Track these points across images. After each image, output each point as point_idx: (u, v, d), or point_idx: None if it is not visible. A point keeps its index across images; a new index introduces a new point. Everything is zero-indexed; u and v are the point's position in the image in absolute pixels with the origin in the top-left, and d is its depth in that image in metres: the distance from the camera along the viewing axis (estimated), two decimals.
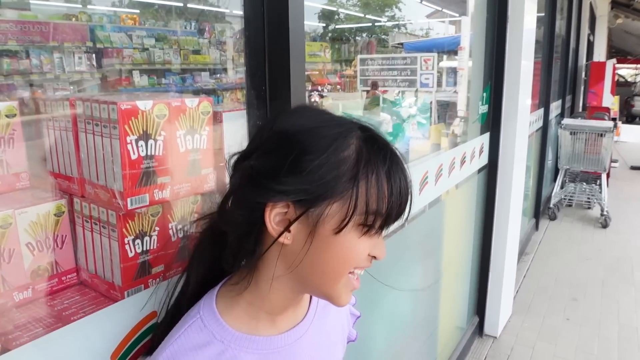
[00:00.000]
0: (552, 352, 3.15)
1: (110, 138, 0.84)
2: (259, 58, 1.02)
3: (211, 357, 0.75)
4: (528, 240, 4.98)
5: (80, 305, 0.96)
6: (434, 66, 5.81)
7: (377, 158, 0.71)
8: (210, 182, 1.00)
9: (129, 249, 0.91)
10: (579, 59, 8.83)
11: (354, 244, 0.72)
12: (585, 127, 5.75)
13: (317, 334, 0.87)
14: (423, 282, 2.44)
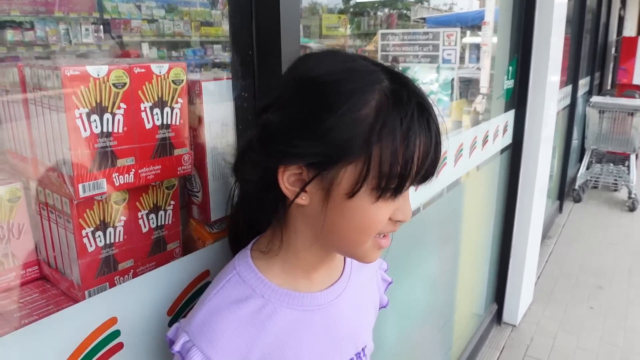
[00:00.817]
0: (574, 343, 2.99)
1: (57, 111, 0.69)
2: (244, 15, 0.86)
3: (252, 311, 0.72)
4: (551, 224, 4.78)
5: (37, 305, 0.83)
6: (456, 42, 5.60)
7: (397, 116, 0.64)
8: (186, 164, 0.85)
9: (87, 243, 0.78)
10: (609, 35, 8.47)
11: (370, 210, 0.67)
12: (615, 106, 5.47)
13: (353, 295, 0.84)
14: (440, 268, 2.30)
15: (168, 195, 0.88)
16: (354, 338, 0.84)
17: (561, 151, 5.09)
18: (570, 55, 4.90)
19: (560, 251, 4.29)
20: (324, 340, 0.79)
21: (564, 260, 4.09)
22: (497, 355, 2.88)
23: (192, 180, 0.93)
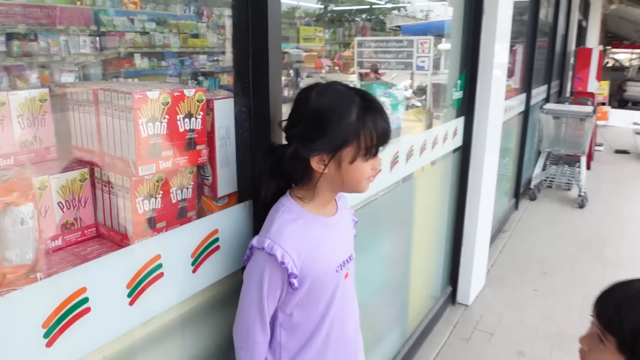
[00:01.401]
0: (518, 319, 3.45)
1: (127, 120, 1.09)
2: (244, 56, 1.27)
3: (300, 225, 1.25)
4: (507, 219, 5.26)
5: (99, 251, 1.22)
6: (430, 49, 6.00)
7: (369, 115, 1.19)
8: (203, 156, 1.26)
9: (139, 207, 1.17)
10: (567, 45, 9.04)
11: (362, 166, 1.22)
12: (565, 112, 6.00)
13: (343, 222, 1.40)
14: (397, 249, 2.71)
15: (189, 177, 1.28)
16: (347, 247, 1.40)
17: (516, 153, 5.59)
18: (525, 66, 5.40)
19: (513, 243, 4.77)
20: (335, 245, 1.34)
21: (515, 251, 4.57)
22: (450, 329, 3.31)
23: (205, 168, 1.33)
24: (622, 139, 10.84)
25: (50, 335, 0.95)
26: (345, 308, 1.41)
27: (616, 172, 7.77)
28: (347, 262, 1.37)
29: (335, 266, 1.32)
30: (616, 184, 7.07)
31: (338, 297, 1.35)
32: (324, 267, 1.28)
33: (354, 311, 1.49)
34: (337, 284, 1.33)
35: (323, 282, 1.29)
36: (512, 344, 3.17)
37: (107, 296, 1.04)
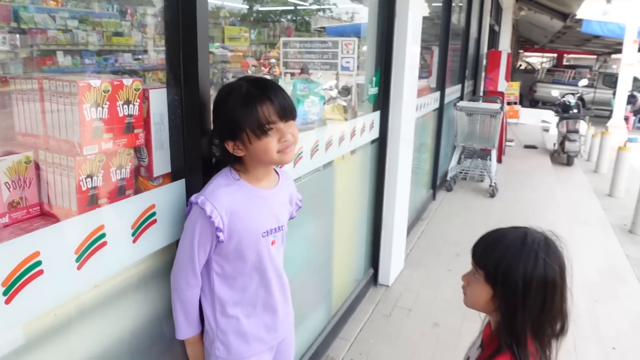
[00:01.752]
0: (433, 296, 3.77)
1: (72, 105, 1.23)
2: (175, 50, 1.44)
3: (233, 189, 1.46)
4: (425, 208, 5.64)
5: (45, 226, 1.34)
6: (354, 50, 6.29)
7: (252, 99, 1.38)
8: (140, 139, 1.41)
9: (82, 185, 1.31)
10: (480, 48, 9.66)
11: (265, 144, 1.42)
12: (476, 109, 6.48)
13: (280, 196, 1.61)
14: (319, 233, 2.93)
15: (127, 158, 1.43)
16: (278, 218, 1.58)
17: (433, 147, 5.99)
18: (438, 67, 5.80)
19: (430, 229, 5.14)
20: (264, 213, 1.53)
21: (432, 236, 4.94)
22: (373, 307, 3.58)
23: (141, 151, 1.49)
24: (532, 135, 11.69)
25: (9, 293, 1.08)
26: (273, 273, 1.61)
27: (524, 165, 8.42)
28: (275, 231, 1.57)
29: (262, 231, 1.51)
30: (524, 175, 7.68)
31: (266, 260, 1.55)
32: (250, 228, 1.48)
33: (281, 278, 1.67)
34: (264, 247, 1.54)
35: (250, 242, 1.49)
36: (428, 317, 3.48)
37: (58, 260, 1.18)
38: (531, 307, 1.21)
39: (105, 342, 1.42)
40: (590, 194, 7.43)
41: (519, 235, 1.27)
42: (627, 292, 4.33)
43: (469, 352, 1.44)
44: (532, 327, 1.22)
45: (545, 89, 19.27)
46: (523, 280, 1.20)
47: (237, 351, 1.58)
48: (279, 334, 1.70)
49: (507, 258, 1.24)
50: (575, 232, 5.67)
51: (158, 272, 1.54)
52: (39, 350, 1.23)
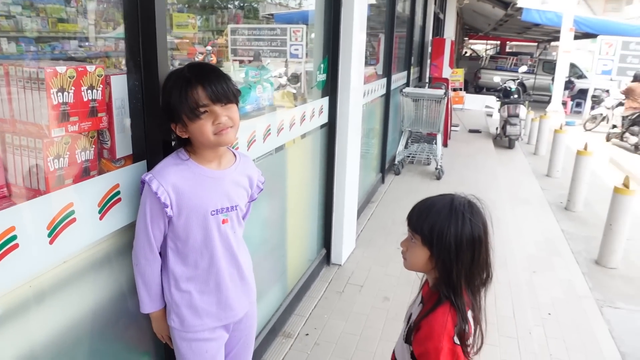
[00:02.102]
0: (383, 272, 3.97)
1: (39, 91, 1.31)
2: (135, 39, 1.53)
3: (181, 168, 1.56)
4: (374, 192, 5.85)
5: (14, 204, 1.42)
6: (303, 37, 6.39)
7: (186, 83, 1.47)
8: (104, 122, 1.50)
9: (50, 165, 1.39)
10: (426, 35, 9.94)
11: (200, 126, 1.50)
12: (421, 95, 6.72)
13: (234, 177, 1.68)
14: (273, 214, 3.06)
15: (91, 141, 1.51)
16: (230, 197, 1.66)
17: (380, 133, 6.19)
18: (385, 54, 5.99)
19: (380, 211, 5.34)
20: (214, 192, 1.61)
21: (382, 217, 5.15)
22: (326, 285, 3.75)
23: (104, 134, 1.57)
24: (476, 120, 12.12)
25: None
26: (225, 252, 1.69)
27: (469, 149, 8.78)
28: (227, 210, 1.65)
29: (210, 209, 1.60)
30: (468, 158, 8.02)
31: (216, 238, 1.64)
32: (198, 206, 1.57)
33: (235, 257, 1.73)
34: (213, 225, 1.62)
35: (197, 219, 1.59)
36: (378, 292, 3.67)
37: (32, 234, 1.26)
38: (463, 261, 1.38)
39: (75, 315, 1.52)
40: (530, 174, 7.84)
41: (447, 201, 1.44)
42: (562, 264, 4.66)
43: (410, 309, 1.61)
44: (466, 278, 1.40)
45: (489, 75, 19.90)
46: (455, 240, 1.38)
47: (190, 324, 1.68)
48: (235, 312, 1.77)
49: (439, 222, 1.41)
50: (515, 210, 6.01)
51: (122, 248, 1.64)
52: (12, 322, 1.32)
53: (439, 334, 1.37)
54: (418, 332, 1.43)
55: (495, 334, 3.22)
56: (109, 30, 4.43)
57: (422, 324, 1.42)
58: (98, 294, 1.59)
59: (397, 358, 1.61)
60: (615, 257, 4.73)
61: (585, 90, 14.86)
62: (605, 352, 3.32)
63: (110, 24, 4.26)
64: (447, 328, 1.37)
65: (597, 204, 6.39)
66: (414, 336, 1.45)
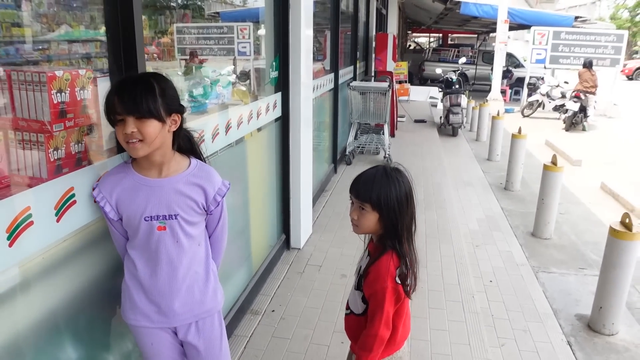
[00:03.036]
0: (340, 253, 4.29)
1: (41, 92, 1.54)
2: (116, 44, 1.77)
3: (120, 177, 1.69)
4: (328, 181, 6.17)
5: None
6: (250, 35, 6.60)
7: (109, 93, 1.58)
8: (94, 118, 1.74)
9: (51, 156, 1.62)
10: (369, 31, 10.34)
11: (116, 131, 1.60)
12: (367, 88, 7.09)
13: (175, 188, 1.72)
14: (235, 202, 3.32)
15: (82, 135, 1.75)
16: (169, 205, 1.71)
17: (330, 125, 6.51)
18: (331, 50, 6.31)
19: (333, 199, 5.67)
20: (150, 200, 1.69)
21: (336, 205, 5.47)
22: (287, 267, 4.03)
23: (92, 128, 1.81)
24: (421, 110, 12.63)
25: (11, 237, 1.39)
26: (163, 259, 1.75)
27: (415, 138, 9.23)
28: (163, 218, 1.71)
29: (145, 216, 1.69)
30: (414, 146, 8.46)
31: (152, 242, 1.73)
32: (132, 211, 1.69)
33: (173, 267, 1.76)
34: (149, 231, 1.71)
35: (133, 223, 1.71)
36: (336, 270, 3.99)
37: (44, 213, 1.50)
38: (404, 215, 1.70)
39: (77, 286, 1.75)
40: (472, 159, 8.35)
41: (382, 171, 1.76)
42: (502, 237, 5.11)
43: (359, 263, 1.91)
44: (407, 229, 1.73)
45: (432, 67, 20.53)
46: (397, 199, 1.70)
47: (126, 314, 1.82)
48: (169, 319, 1.81)
49: (383, 189, 1.72)
50: (459, 192, 6.46)
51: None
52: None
53: (384, 275, 1.69)
54: (367, 277, 1.74)
55: (442, 299, 3.60)
56: (60, 32, 4.54)
57: (370, 270, 1.73)
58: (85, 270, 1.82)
59: (350, 306, 1.92)
60: (548, 229, 5.22)
61: (523, 79, 15.65)
62: (540, 309, 3.75)
63: (62, 27, 4.38)
64: (390, 270, 1.70)
65: (533, 183, 6.92)
66: (364, 281, 1.76)
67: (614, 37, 14.41)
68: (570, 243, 5.19)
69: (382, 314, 1.71)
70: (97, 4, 2.04)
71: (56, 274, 1.69)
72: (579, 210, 6.30)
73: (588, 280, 4.36)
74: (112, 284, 1.93)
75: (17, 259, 1.44)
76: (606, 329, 3.54)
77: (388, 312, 1.72)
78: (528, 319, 3.59)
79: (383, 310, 1.70)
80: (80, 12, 2.90)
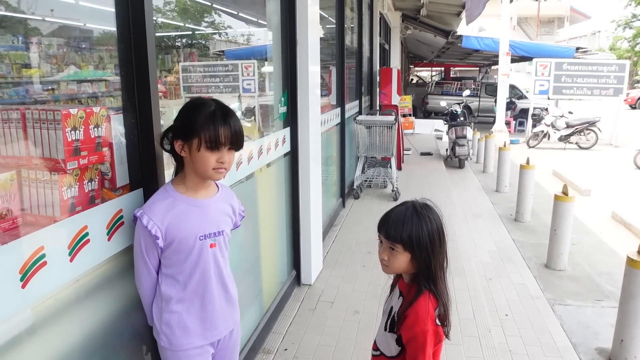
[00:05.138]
0: (351, 288, 4.22)
1: (55, 130, 1.53)
2: (129, 83, 1.77)
3: (169, 202, 1.73)
4: (336, 216, 6.13)
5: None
6: (254, 72, 6.67)
7: (215, 119, 1.67)
8: (107, 155, 1.73)
9: (64, 194, 1.60)
10: (373, 65, 10.45)
11: (206, 156, 1.68)
12: (373, 122, 7.11)
13: (218, 206, 1.86)
14: (247, 239, 3.28)
15: (95, 172, 1.73)
16: (217, 223, 1.83)
17: (338, 159, 6.51)
18: (337, 85, 6.36)
19: (343, 234, 5.62)
20: (201, 219, 1.78)
21: (345, 239, 5.42)
22: (299, 304, 3.96)
23: (104, 166, 1.79)
24: (427, 143, 12.65)
25: (24, 279, 1.36)
26: (213, 273, 1.85)
27: (422, 170, 9.21)
28: (214, 235, 1.81)
29: (199, 235, 1.77)
30: (421, 178, 8.43)
31: (203, 260, 1.80)
32: (186, 232, 1.74)
33: (223, 279, 1.89)
34: (202, 249, 1.79)
35: (187, 245, 1.75)
36: (349, 306, 3.91)
37: (58, 252, 1.47)
38: (437, 253, 1.67)
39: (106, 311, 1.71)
40: (480, 190, 8.30)
41: (411, 209, 1.72)
42: (515, 269, 5.03)
43: (389, 303, 1.86)
44: (441, 267, 1.69)
45: (435, 100, 20.74)
46: (429, 238, 1.66)
47: (179, 343, 1.82)
48: (219, 330, 1.90)
49: (414, 228, 1.68)
50: (469, 223, 6.40)
51: (127, 266, 1.84)
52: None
53: (424, 318, 1.64)
54: (405, 320, 1.69)
55: (458, 334, 3.51)
56: (69, 73, 4.60)
57: (408, 313, 1.68)
58: (115, 301, 1.78)
59: (380, 347, 1.86)
60: (562, 260, 5.14)
61: (527, 110, 15.71)
62: (559, 343, 3.65)
63: (71, 67, 4.44)
64: (430, 313, 1.65)
65: (543, 214, 6.86)
66: (401, 324, 1.70)
67: (616, 67, 14.51)
68: (584, 274, 5.10)
69: (424, 359, 1.65)
70: (109, 45, 2.05)
71: (69, 316, 1.65)
72: (591, 240, 6.22)
73: (606, 312, 4.27)
74: (126, 325, 1.89)
75: (31, 300, 1.41)
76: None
77: (429, 356, 1.67)
78: (547, 354, 3.49)
79: (425, 355, 1.65)
80: (89, 53, 2.92)
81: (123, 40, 1.76)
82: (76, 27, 2.61)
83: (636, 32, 37.28)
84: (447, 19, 15.78)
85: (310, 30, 3.89)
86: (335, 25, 6.32)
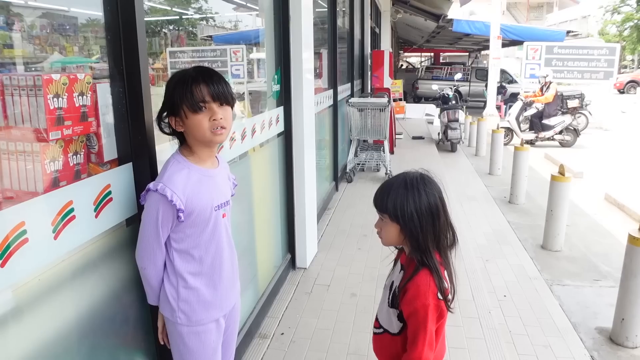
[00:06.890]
0: (347, 271, 4.13)
1: (36, 97, 1.41)
2: (117, 49, 1.65)
3: (185, 173, 1.65)
4: (330, 199, 6.03)
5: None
6: (243, 58, 6.55)
7: (194, 80, 1.59)
8: (94, 126, 1.61)
9: (47, 167, 1.49)
10: (365, 49, 10.32)
11: (198, 119, 1.61)
12: (366, 104, 7.00)
13: (222, 176, 1.81)
14: (241, 220, 3.17)
15: (81, 145, 1.61)
16: (224, 194, 1.79)
17: (331, 142, 6.40)
18: (329, 67, 6.23)
19: (337, 217, 5.52)
20: (213, 190, 1.73)
21: (339, 222, 5.33)
22: (294, 288, 3.87)
23: (91, 139, 1.67)
24: (418, 127, 12.57)
25: (3, 257, 1.25)
26: (226, 243, 1.83)
27: (414, 154, 9.14)
28: (224, 205, 1.79)
29: (214, 205, 1.72)
30: (415, 163, 8.22)
31: (218, 231, 1.77)
32: (204, 204, 1.68)
33: (232, 248, 1.88)
34: (217, 220, 1.75)
35: (204, 216, 1.69)
36: (345, 289, 3.83)
37: (40, 230, 1.36)
38: (426, 228, 1.57)
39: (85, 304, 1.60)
40: (474, 174, 8.24)
41: (401, 179, 1.64)
42: (511, 251, 4.97)
43: (391, 278, 1.77)
44: (433, 241, 1.58)
45: (426, 85, 20.64)
46: (415, 210, 1.56)
47: (199, 318, 1.77)
48: (230, 301, 1.89)
49: (399, 198, 1.59)
50: (464, 207, 6.34)
51: (117, 244, 1.73)
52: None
53: (425, 292, 1.55)
54: (406, 294, 1.59)
55: (458, 316, 3.43)
56: (52, 55, 4.47)
57: (409, 286, 1.58)
58: (101, 279, 1.67)
59: (382, 323, 1.77)
60: (558, 241, 5.09)
61: (517, 94, 15.64)
62: (559, 324, 3.60)
63: (55, 48, 4.30)
64: (431, 286, 1.55)
65: (537, 196, 6.82)
66: (401, 299, 1.61)
67: (606, 50, 14.45)
68: (581, 254, 5.05)
69: (426, 335, 1.56)
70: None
71: (53, 298, 1.54)
72: (586, 221, 6.18)
73: (604, 292, 4.22)
74: (117, 308, 1.79)
75: (12, 280, 1.30)
76: (629, 342, 3.39)
77: (431, 332, 1.57)
78: (547, 334, 3.44)
79: (426, 331, 1.55)
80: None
81: (109, 2, 1.63)
82: None
83: (625, 17, 37.35)
84: (437, 3, 15.64)
85: (304, 8, 3.76)
86: (327, 7, 6.18)
